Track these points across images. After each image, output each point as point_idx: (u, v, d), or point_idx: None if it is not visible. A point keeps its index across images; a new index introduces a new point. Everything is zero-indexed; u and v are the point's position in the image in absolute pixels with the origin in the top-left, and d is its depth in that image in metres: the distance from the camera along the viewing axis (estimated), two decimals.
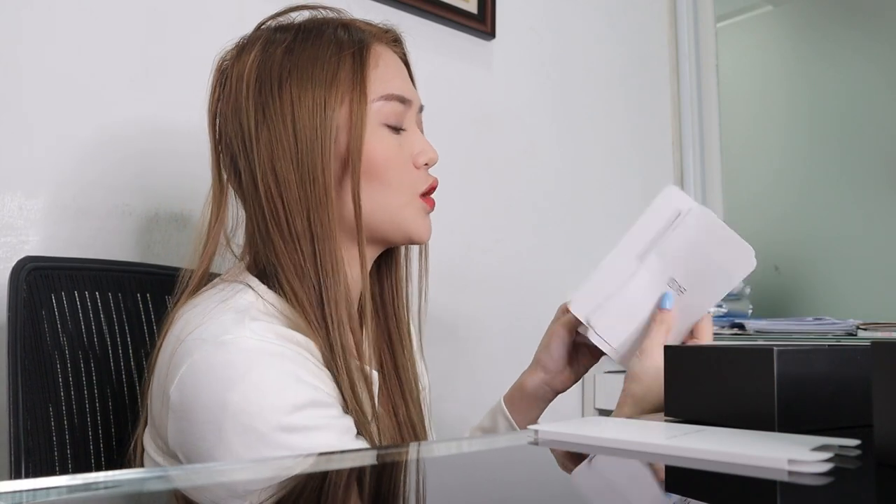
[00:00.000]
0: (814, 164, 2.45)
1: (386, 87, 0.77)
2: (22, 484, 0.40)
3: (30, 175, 1.00)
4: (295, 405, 0.67)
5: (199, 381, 0.67)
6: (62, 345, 0.84)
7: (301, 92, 0.73)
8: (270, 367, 0.67)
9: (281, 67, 0.74)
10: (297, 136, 0.72)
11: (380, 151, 0.75)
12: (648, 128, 2.09)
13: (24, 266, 0.82)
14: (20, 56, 1.00)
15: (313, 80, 0.73)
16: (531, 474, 0.50)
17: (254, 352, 0.67)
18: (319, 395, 0.70)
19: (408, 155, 0.78)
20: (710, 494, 0.44)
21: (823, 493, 0.41)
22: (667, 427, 0.58)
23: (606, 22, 1.96)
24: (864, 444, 0.48)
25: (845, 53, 2.39)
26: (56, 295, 0.84)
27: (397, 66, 0.81)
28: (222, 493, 0.46)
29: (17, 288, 0.80)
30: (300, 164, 0.73)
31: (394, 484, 0.48)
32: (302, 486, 0.47)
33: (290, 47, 0.75)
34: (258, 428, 0.65)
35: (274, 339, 0.69)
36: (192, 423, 0.68)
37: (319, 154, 0.72)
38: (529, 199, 1.71)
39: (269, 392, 0.66)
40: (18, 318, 0.80)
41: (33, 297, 0.81)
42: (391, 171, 0.76)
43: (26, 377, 0.79)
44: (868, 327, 1.45)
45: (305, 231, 0.73)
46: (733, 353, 0.60)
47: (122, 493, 0.43)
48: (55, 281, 0.84)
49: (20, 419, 0.78)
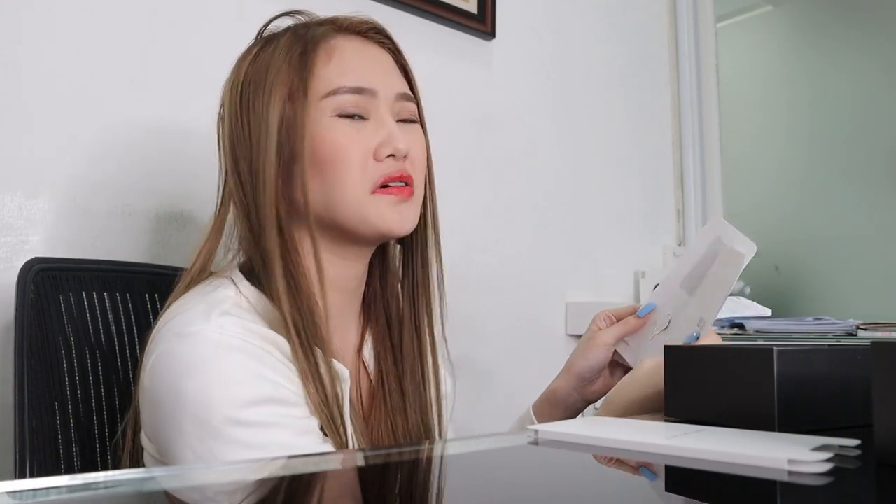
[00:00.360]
0: (814, 164, 2.45)
1: (340, 80, 0.76)
2: (22, 484, 0.40)
3: (30, 175, 1.00)
4: (249, 400, 0.68)
5: (162, 370, 0.69)
6: (69, 344, 0.85)
7: (254, 98, 0.76)
8: (229, 361, 0.68)
9: (245, 77, 0.78)
10: (251, 138, 0.76)
11: (329, 141, 0.75)
12: (648, 128, 2.09)
13: (31, 267, 0.83)
14: (20, 56, 1.00)
15: (264, 85, 0.76)
16: (531, 474, 0.50)
17: (215, 345, 0.68)
18: (281, 392, 0.70)
19: (366, 146, 0.76)
20: (710, 494, 0.44)
21: (823, 493, 0.41)
22: (667, 427, 0.58)
23: (606, 22, 1.96)
24: (864, 444, 0.48)
25: (845, 53, 2.39)
26: (63, 295, 0.85)
27: (361, 56, 0.79)
28: (220, 493, 0.46)
29: (24, 288, 0.82)
30: (252, 163, 0.76)
31: (394, 484, 0.48)
32: (288, 488, 0.47)
33: (256, 56, 0.79)
34: (209, 420, 0.66)
35: (239, 333, 0.70)
36: (155, 411, 0.71)
37: (265, 152, 0.74)
38: (529, 199, 1.71)
39: (224, 385, 0.67)
40: (25, 317, 0.81)
41: (41, 298, 0.83)
42: (341, 162, 0.75)
43: (32, 376, 0.80)
44: (868, 327, 1.45)
45: (267, 226, 0.74)
46: (733, 353, 0.60)
47: (122, 493, 0.43)
48: (63, 281, 0.85)
49: (26, 418, 0.79)
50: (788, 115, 2.54)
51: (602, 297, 1.83)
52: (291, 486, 0.47)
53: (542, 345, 1.69)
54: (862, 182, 2.32)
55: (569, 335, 1.73)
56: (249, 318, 0.72)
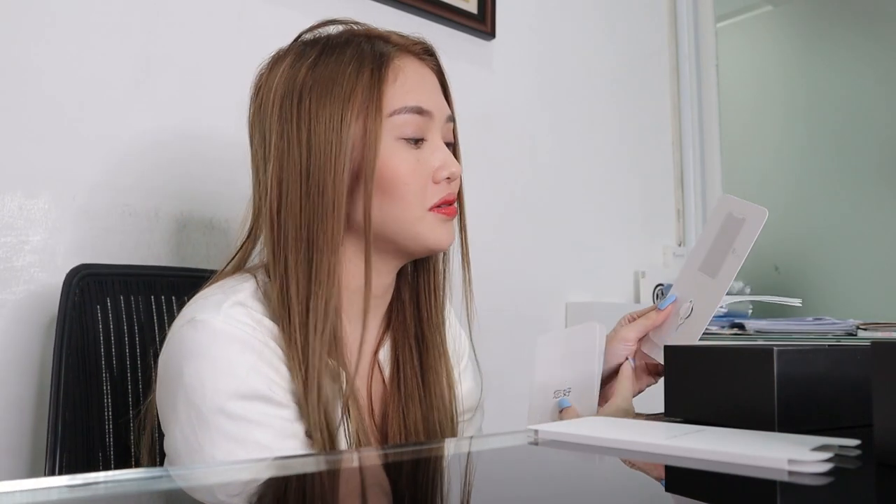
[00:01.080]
0: (814, 163, 2.45)
1: (403, 100, 0.77)
2: (22, 484, 0.40)
3: (30, 175, 1.00)
4: (240, 393, 0.69)
5: (170, 352, 0.73)
6: (109, 344, 0.90)
7: (319, 107, 0.75)
8: (228, 351, 0.70)
9: (303, 83, 0.76)
10: (311, 150, 0.75)
11: (392, 167, 0.76)
12: (648, 128, 2.09)
13: (78, 272, 0.89)
14: (20, 56, 1.00)
15: (331, 96, 0.75)
16: (531, 474, 0.50)
17: (218, 333, 0.70)
18: (273, 391, 0.71)
19: (426, 169, 0.78)
20: (710, 494, 0.44)
21: (823, 493, 0.41)
22: (667, 427, 0.58)
23: (606, 22, 1.96)
24: (864, 444, 0.48)
25: (845, 53, 2.39)
26: (106, 299, 0.91)
27: (421, 78, 0.81)
28: (222, 493, 0.46)
29: (69, 291, 0.88)
30: (308, 177, 0.74)
31: (394, 484, 0.48)
32: (288, 488, 0.47)
33: (315, 62, 0.77)
34: (198, 405, 0.69)
35: (246, 324, 0.72)
36: (160, 389, 0.74)
37: (332, 168, 0.74)
38: (529, 199, 1.71)
39: (218, 374, 0.69)
40: (67, 318, 0.87)
41: (84, 301, 0.89)
42: (403, 186, 0.76)
43: (69, 373, 0.86)
44: (868, 327, 1.45)
45: (300, 242, 0.74)
46: (733, 353, 0.60)
47: (122, 493, 0.43)
48: (106, 286, 0.91)
49: (60, 412, 0.84)
50: (788, 114, 2.54)
51: (602, 297, 1.83)
52: (291, 486, 0.47)
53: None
54: (862, 182, 2.32)
55: None
56: (261, 311, 0.74)
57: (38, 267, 1.00)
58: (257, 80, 0.82)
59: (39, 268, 1.00)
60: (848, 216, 2.32)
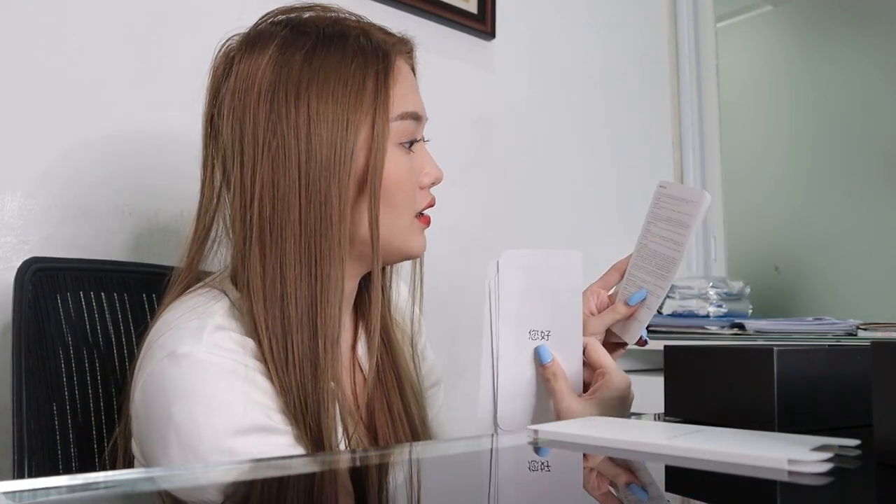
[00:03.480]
0: (814, 164, 2.45)
1: (403, 104, 0.73)
2: (22, 484, 0.40)
3: (30, 175, 1.00)
4: (237, 429, 0.65)
5: (153, 391, 0.67)
6: (67, 344, 0.84)
7: (321, 106, 0.69)
8: (218, 386, 0.65)
9: (300, 76, 0.69)
10: (312, 154, 0.68)
11: (393, 174, 0.72)
12: (648, 128, 2.09)
13: (29, 267, 0.82)
14: (20, 56, 1.00)
15: (335, 95, 0.69)
16: (531, 474, 0.50)
17: (205, 367, 0.65)
18: (271, 419, 0.67)
19: (416, 175, 0.76)
20: (710, 494, 0.44)
21: (823, 493, 0.41)
22: (667, 427, 0.58)
23: (606, 22, 1.96)
24: (864, 444, 0.48)
25: (845, 53, 2.39)
26: (61, 295, 0.84)
27: (412, 79, 0.77)
28: (221, 493, 0.46)
29: (22, 288, 0.81)
30: (310, 183, 0.68)
31: (394, 484, 0.48)
32: (288, 488, 0.47)
33: (311, 54, 0.70)
34: (195, 446, 0.64)
35: (231, 350, 0.67)
36: (144, 430, 0.68)
37: (336, 175, 0.68)
38: (529, 199, 1.71)
39: (212, 412, 0.64)
40: (23, 317, 0.80)
41: (38, 298, 0.82)
42: (399, 193, 0.73)
43: (30, 376, 0.80)
44: (868, 327, 1.45)
45: (300, 254, 0.68)
46: (733, 353, 0.60)
47: (121, 493, 0.43)
48: (60, 281, 0.84)
49: (24, 419, 0.78)
50: (788, 114, 2.54)
51: None
52: (291, 486, 0.47)
53: None
54: (862, 182, 2.32)
55: None
56: (238, 329, 0.69)
57: None
58: (226, 61, 0.74)
59: None
60: (848, 216, 2.32)
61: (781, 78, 2.56)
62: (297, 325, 0.68)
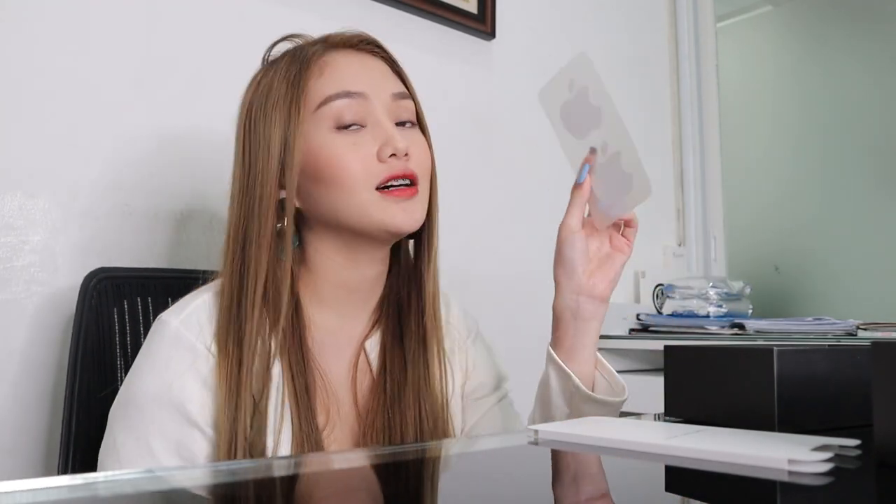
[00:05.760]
0: (814, 164, 2.45)
1: (328, 89, 0.78)
2: (22, 484, 0.40)
3: (30, 175, 1.00)
4: (160, 397, 0.73)
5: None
6: (126, 346, 0.92)
7: (255, 121, 0.80)
8: (171, 354, 0.75)
9: (250, 104, 0.81)
10: (245, 158, 0.80)
11: (327, 156, 0.77)
12: (648, 128, 2.09)
13: (96, 275, 0.92)
14: (20, 56, 1.00)
15: (264, 109, 0.79)
16: (531, 474, 0.50)
17: (169, 335, 0.76)
18: (193, 410, 0.73)
19: (366, 151, 0.78)
20: (710, 494, 0.44)
21: (823, 493, 0.41)
22: (667, 427, 0.58)
23: (606, 22, 1.96)
24: (864, 444, 0.48)
25: (845, 53, 2.39)
26: (122, 302, 0.93)
27: (353, 65, 0.81)
28: (222, 492, 0.46)
29: (87, 294, 0.90)
30: (243, 181, 0.79)
31: (394, 484, 0.48)
32: (288, 489, 0.47)
33: (258, 83, 0.82)
34: (124, 393, 0.75)
35: (200, 328, 0.76)
36: None
37: (266, 170, 0.78)
38: (529, 199, 1.71)
39: (151, 371, 0.74)
40: (84, 319, 0.89)
41: (101, 303, 0.91)
42: (342, 171, 0.77)
43: (84, 372, 0.88)
44: (868, 327, 1.45)
45: (238, 239, 0.78)
46: (733, 353, 0.60)
47: (121, 493, 0.43)
48: (123, 289, 0.93)
49: (74, 412, 0.87)
50: (788, 114, 2.54)
51: None
52: (293, 486, 0.47)
53: (542, 345, 1.69)
54: (862, 182, 2.32)
55: None
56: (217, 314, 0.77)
57: (38, 267, 1.00)
58: None
59: (39, 268, 1.00)
60: (848, 216, 2.32)
61: (781, 78, 2.56)
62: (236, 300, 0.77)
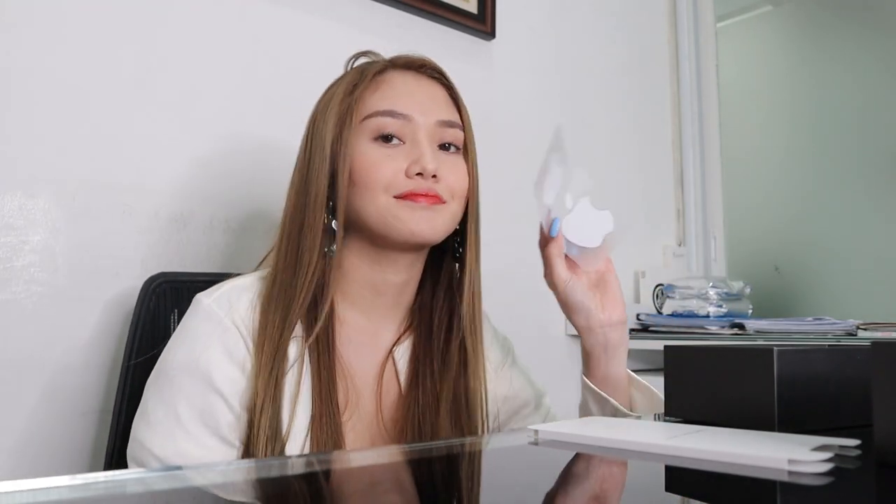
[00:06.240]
0: (814, 164, 2.45)
1: (377, 105, 0.84)
2: (22, 484, 0.40)
3: (30, 175, 1.00)
4: (189, 367, 0.77)
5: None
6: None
7: (316, 123, 0.86)
8: (201, 331, 0.79)
9: (316, 112, 0.88)
10: (306, 155, 0.85)
11: (360, 162, 0.82)
12: (648, 128, 2.08)
13: (155, 280, 0.97)
14: (20, 57, 1.00)
15: (324, 113, 0.85)
16: (531, 474, 0.50)
17: (203, 314, 0.80)
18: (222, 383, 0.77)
19: (396, 164, 0.82)
20: (710, 494, 0.44)
21: (823, 493, 0.41)
22: (667, 427, 0.58)
23: (606, 22, 1.96)
24: (864, 444, 0.48)
25: (845, 53, 2.39)
26: (180, 307, 0.96)
27: (407, 87, 0.87)
28: (224, 492, 0.46)
29: (146, 297, 0.96)
30: (303, 174, 0.85)
31: (394, 484, 0.48)
32: (290, 488, 0.47)
33: (328, 89, 0.89)
34: (159, 365, 0.80)
35: (234, 309, 0.79)
36: None
37: (317, 171, 0.83)
38: (529, 199, 1.71)
39: (183, 343, 0.79)
40: (141, 321, 0.94)
41: (159, 306, 0.96)
42: (368, 177, 0.82)
43: (137, 369, 0.91)
44: (868, 327, 1.45)
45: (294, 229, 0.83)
46: (733, 353, 0.60)
47: (122, 493, 0.43)
48: (182, 293, 0.97)
49: (124, 407, 0.90)
50: (788, 114, 2.54)
51: None
52: (294, 486, 0.47)
53: (542, 345, 1.69)
54: (862, 182, 2.32)
55: (569, 335, 1.73)
56: (255, 295, 0.81)
57: (38, 267, 1.00)
58: None
59: (39, 268, 1.00)
60: (848, 216, 2.32)
61: (781, 78, 2.56)
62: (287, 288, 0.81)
